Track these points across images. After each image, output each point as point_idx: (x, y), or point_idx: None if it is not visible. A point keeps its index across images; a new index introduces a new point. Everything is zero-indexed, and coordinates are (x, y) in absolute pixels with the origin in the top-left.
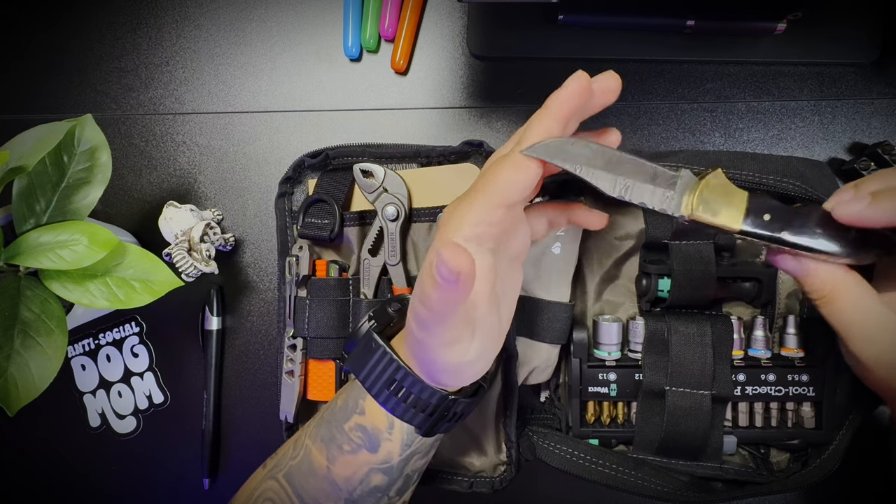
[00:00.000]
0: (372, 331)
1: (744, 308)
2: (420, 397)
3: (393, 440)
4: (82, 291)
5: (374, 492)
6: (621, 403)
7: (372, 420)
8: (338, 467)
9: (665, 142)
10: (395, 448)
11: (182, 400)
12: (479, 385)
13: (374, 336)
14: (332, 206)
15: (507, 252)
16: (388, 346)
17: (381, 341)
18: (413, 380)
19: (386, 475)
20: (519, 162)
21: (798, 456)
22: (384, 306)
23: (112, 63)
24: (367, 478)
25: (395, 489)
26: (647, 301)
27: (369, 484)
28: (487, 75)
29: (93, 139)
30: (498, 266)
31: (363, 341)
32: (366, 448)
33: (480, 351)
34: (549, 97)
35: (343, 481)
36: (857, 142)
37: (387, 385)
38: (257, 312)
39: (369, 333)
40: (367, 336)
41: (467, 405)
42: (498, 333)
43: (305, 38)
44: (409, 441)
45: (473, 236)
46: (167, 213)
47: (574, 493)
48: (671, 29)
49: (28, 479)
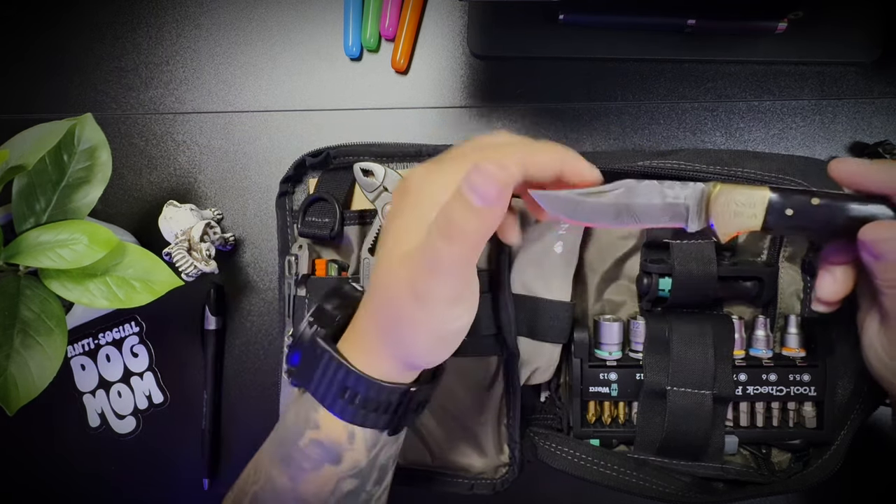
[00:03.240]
0: (316, 336)
1: (745, 307)
2: (379, 399)
3: (356, 448)
4: (82, 291)
5: (350, 495)
6: (622, 403)
7: (328, 433)
8: (304, 486)
9: (666, 141)
10: (360, 455)
11: (182, 400)
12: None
13: (319, 342)
14: (333, 204)
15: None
16: (336, 351)
17: (325, 346)
18: (368, 383)
19: (357, 479)
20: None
21: (799, 456)
22: (321, 306)
23: (112, 63)
24: (338, 487)
25: (371, 482)
26: (648, 300)
27: (342, 491)
28: (487, 75)
29: (93, 138)
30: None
31: (307, 349)
32: (327, 462)
33: (469, 320)
34: (572, 154)
35: (313, 497)
36: (857, 141)
37: (340, 394)
38: (257, 312)
39: (313, 339)
40: (312, 343)
41: (429, 390)
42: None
43: (305, 37)
44: (374, 442)
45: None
46: (167, 212)
47: (575, 495)
48: (672, 28)
49: (28, 478)
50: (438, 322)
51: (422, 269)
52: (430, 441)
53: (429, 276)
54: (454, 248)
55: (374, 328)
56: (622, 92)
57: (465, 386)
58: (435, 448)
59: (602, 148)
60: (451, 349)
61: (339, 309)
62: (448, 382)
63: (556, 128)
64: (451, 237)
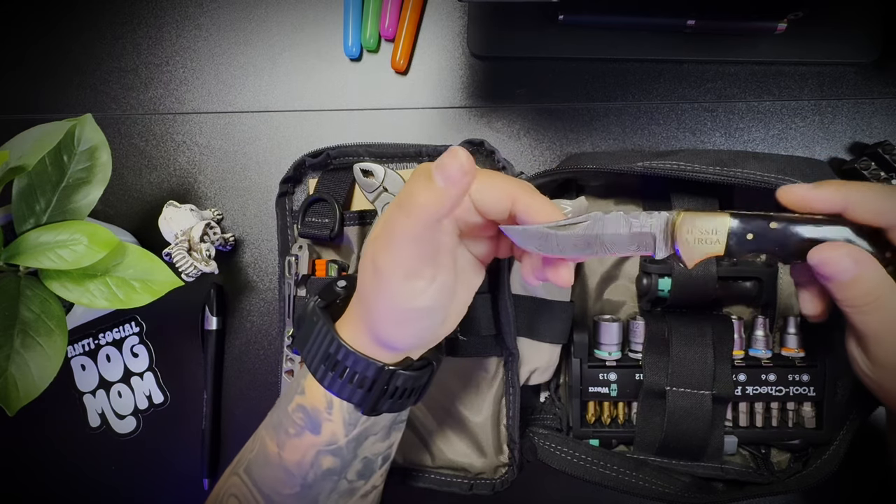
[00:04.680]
0: (316, 306)
1: (744, 308)
2: (355, 371)
3: (334, 420)
4: (82, 291)
5: (328, 475)
6: (622, 404)
7: (311, 400)
8: (287, 452)
9: (665, 141)
10: (337, 428)
11: (182, 400)
12: (428, 362)
13: (317, 310)
14: (333, 205)
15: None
16: (327, 319)
17: (320, 314)
18: (346, 351)
19: (336, 457)
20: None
21: (799, 456)
22: (331, 283)
23: (112, 63)
24: (317, 461)
25: (354, 472)
26: (647, 301)
27: (321, 467)
28: (487, 75)
29: (93, 139)
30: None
31: (308, 318)
32: (308, 430)
33: (433, 303)
34: (525, 189)
35: (294, 466)
36: (857, 141)
37: (323, 360)
38: (257, 312)
39: (314, 308)
40: (312, 311)
41: (407, 378)
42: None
43: (305, 37)
44: (353, 420)
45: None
46: (167, 212)
47: (575, 495)
48: (671, 28)
49: (28, 479)
50: (395, 296)
51: (380, 242)
52: (430, 441)
53: (385, 248)
54: (408, 219)
55: (355, 304)
56: (622, 92)
57: (465, 386)
58: (435, 448)
59: (602, 148)
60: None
61: (346, 289)
62: (448, 383)
63: (556, 128)
64: (408, 209)
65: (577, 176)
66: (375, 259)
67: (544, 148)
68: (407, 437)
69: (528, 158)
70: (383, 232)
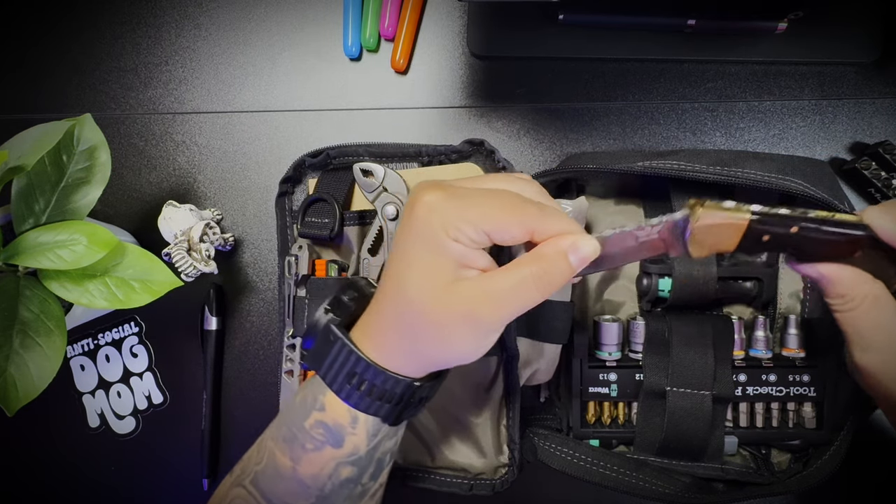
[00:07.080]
0: (331, 324)
1: (745, 308)
2: (384, 388)
3: (358, 433)
4: (81, 291)
5: (346, 484)
6: (622, 404)
7: (333, 415)
8: (303, 466)
9: (666, 141)
10: (360, 441)
11: (181, 400)
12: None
13: (333, 329)
14: (333, 205)
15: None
16: (348, 339)
17: (339, 333)
18: (375, 371)
19: (355, 466)
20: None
21: (799, 456)
22: (339, 296)
23: (112, 63)
24: (336, 472)
25: (368, 475)
26: (647, 301)
27: (339, 477)
28: (487, 75)
29: (92, 139)
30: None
31: (322, 335)
32: (329, 444)
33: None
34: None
35: (311, 479)
36: (858, 141)
37: (347, 379)
38: (257, 312)
39: (328, 326)
40: (326, 329)
41: (431, 388)
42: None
43: (305, 37)
44: (375, 431)
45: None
46: (166, 212)
47: (575, 495)
48: (672, 28)
49: (28, 479)
50: (480, 345)
51: (500, 303)
52: (430, 441)
53: (497, 308)
54: (540, 296)
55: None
56: (622, 92)
57: (465, 386)
58: (435, 448)
59: (602, 148)
60: (468, 362)
61: (354, 301)
62: (448, 383)
63: (556, 128)
64: (546, 288)
65: (577, 176)
66: (477, 314)
67: (544, 148)
68: (407, 437)
69: (528, 158)
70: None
